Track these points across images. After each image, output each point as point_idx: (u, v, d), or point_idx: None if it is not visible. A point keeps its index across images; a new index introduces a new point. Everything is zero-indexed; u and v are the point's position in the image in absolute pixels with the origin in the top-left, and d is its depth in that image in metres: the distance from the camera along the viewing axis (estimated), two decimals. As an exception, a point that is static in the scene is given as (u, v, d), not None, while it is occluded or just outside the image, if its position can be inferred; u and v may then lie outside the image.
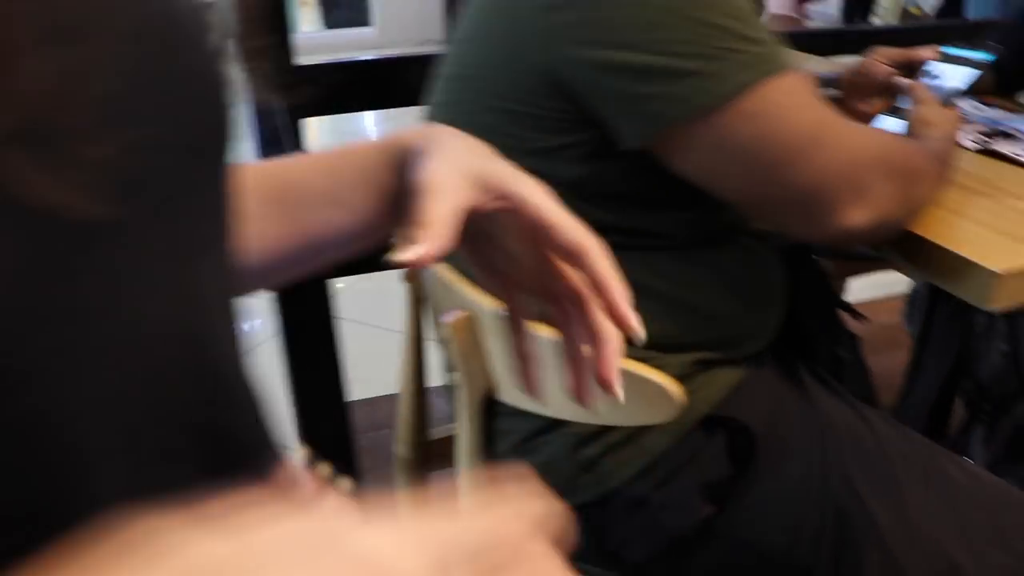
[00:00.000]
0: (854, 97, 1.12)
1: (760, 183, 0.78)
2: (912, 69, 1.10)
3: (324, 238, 0.56)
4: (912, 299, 1.67)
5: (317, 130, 4.62)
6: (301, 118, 1.83)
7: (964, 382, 1.36)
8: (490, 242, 0.54)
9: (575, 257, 0.50)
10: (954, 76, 1.06)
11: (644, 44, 0.71)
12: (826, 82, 1.14)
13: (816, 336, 1.06)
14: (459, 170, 0.49)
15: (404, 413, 1.22)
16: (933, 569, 0.88)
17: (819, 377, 1.00)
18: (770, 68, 0.73)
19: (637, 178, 0.79)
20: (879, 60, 1.12)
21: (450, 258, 0.88)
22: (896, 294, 2.22)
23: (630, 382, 0.80)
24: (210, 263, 0.38)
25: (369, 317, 2.60)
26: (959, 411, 1.39)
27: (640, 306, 0.84)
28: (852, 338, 1.14)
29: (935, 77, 1.08)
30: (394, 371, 1.22)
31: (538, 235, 0.50)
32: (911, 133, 0.98)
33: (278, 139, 1.32)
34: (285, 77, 0.50)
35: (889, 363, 2.33)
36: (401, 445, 1.25)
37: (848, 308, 1.13)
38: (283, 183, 0.55)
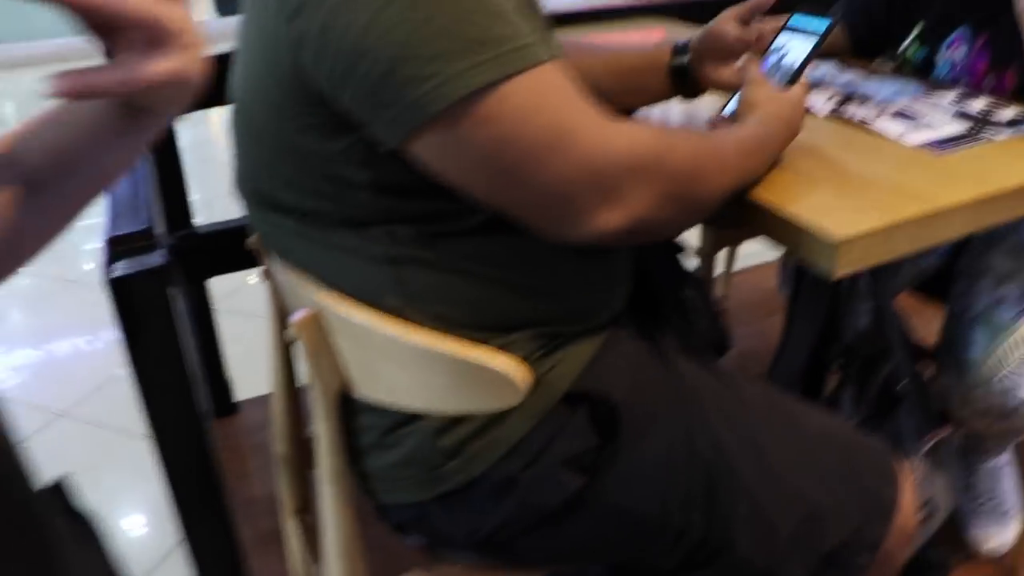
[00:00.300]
0: (705, 64, 1.11)
1: (503, 188, 0.77)
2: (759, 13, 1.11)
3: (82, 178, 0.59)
4: (784, 263, 1.71)
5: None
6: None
7: (834, 343, 1.39)
8: None
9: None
10: (798, 49, 1.07)
11: (384, 49, 0.70)
12: (679, 49, 1.13)
13: (660, 292, 1.08)
14: None
15: (277, 412, 1.20)
16: (797, 514, 0.92)
17: (674, 338, 1.02)
18: (511, 68, 0.72)
19: (420, 170, 0.78)
20: (726, 22, 1.11)
21: (295, 259, 0.88)
22: (774, 260, 2.27)
23: (472, 370, 0.80)
24: None
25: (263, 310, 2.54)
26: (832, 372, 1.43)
27: (477, 291, 0.84)
28: (695, 281, 1.15)
29: (781, 51, 1.09)
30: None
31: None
32: (737, 115, 0.99)
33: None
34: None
35: (772, 328, 2.40)
36: (279, 443, 1.23)
37: (697, 281, 1.14)
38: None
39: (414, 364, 0.82)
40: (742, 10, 1.12)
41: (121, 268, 0.88)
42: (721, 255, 2.23)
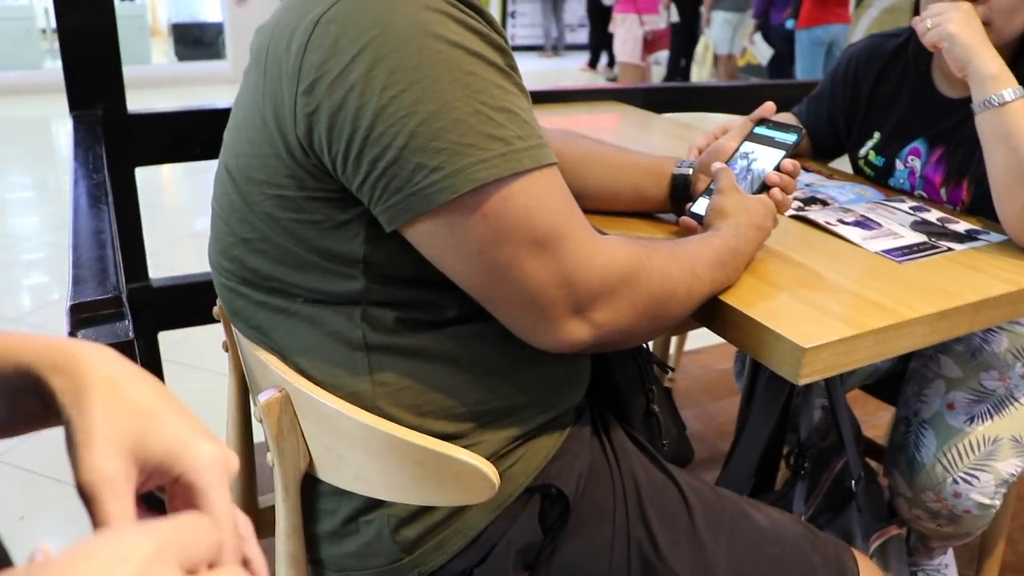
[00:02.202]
0: (702, 176, 1.15)
1: (491, 283, 0.77)
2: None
3: None
4: (739, 356, 1.74)
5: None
6: (134, 167, 1.77)
7: (789, 436, 1.41)
8: None
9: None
10: (765, 157, 1.11)
11: (394, 138, 0.70)
12: (684, 162, 1.17)
13: (625, 393, 1.08)
14: (121, 448, 0.44)
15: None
16: None
17: (632, 436, 1.02)
18: (520, 166, 0.73)
19: (412, 255, 0.78)
20: (731, 139, 1.17)
21: (262, 333, 0.86)
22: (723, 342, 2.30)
23: (446, 464, 0.79)
24: None
25: (218, 365, 2.50)
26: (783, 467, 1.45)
27: (448, 380, 0.84)
28: (664, 391, 1.16)
29: (749, 157, 1.13)
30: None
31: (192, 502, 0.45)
32: (705, 224, 1.02)
33: (102, 192, 1.25)
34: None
35: (732, 409, 2.42)
36: (228, 515, 1.20)
37: (658, 362, 1.15)
38: None
39: (384, 454, 0.81)
40: (744, 127, 1.16)
41: (86, 338, 0.85)
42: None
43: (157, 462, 0.45)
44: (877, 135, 1.46)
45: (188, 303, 1.90)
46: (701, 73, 7.34)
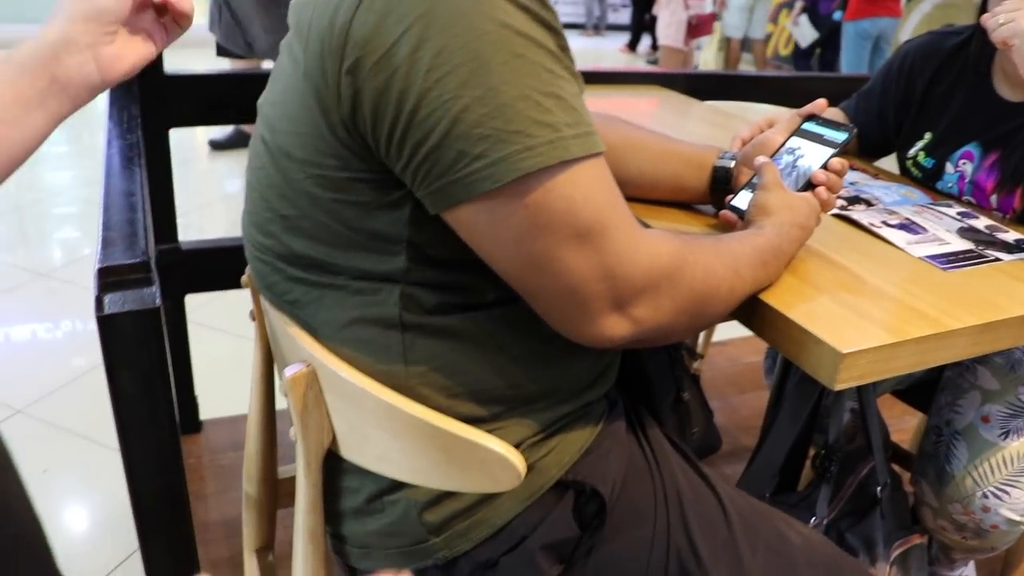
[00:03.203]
0: (743, 169, 1.12)
1: (530, 272, 0.75)
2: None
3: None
4: (771, 352, 1.71)
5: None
6: (168, 128, 1.77)
7: (816, 437, 1.39)
8: None
9: None
10: (813, 154, 1.08)
11: (436, 123, 0.68)
12: (727, 154, 1.14)
13: (655, 381, 1.07)
14: None
15: (251, 452, 1.17)
16: None
17: (668, 436, 1.00)
18: (567, 154, 0.70)
19: (455, 237, 0.76)
20: (777, 133, 1.14)
21: (292, 308, 0.86)
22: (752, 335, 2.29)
23: (471, 450, 0.78)
24: None
25: (241, 328, 2.52)
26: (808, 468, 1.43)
27: (483, 363, 0.83)
28: (692, 378, 1.15)
29: (795, 153, 1.10)
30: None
31: None
32: (747, 220, 0.99)
33: (135, 153, 1.25)
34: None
35: (757, 403, 2.40)
36: (248, 483, 1.20)
37: (687, 349, 1.14)
38: None
39: (409, 436, 0.80)
40: (792, 122, 1.13)
41: (113, 303, 0.84)
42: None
43: None
44: (928, 135, 1.42)
45: (216, 267, 1.90)
46: (706, 57, 7.25)
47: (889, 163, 1.55)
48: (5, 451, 0.39)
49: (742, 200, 1.06)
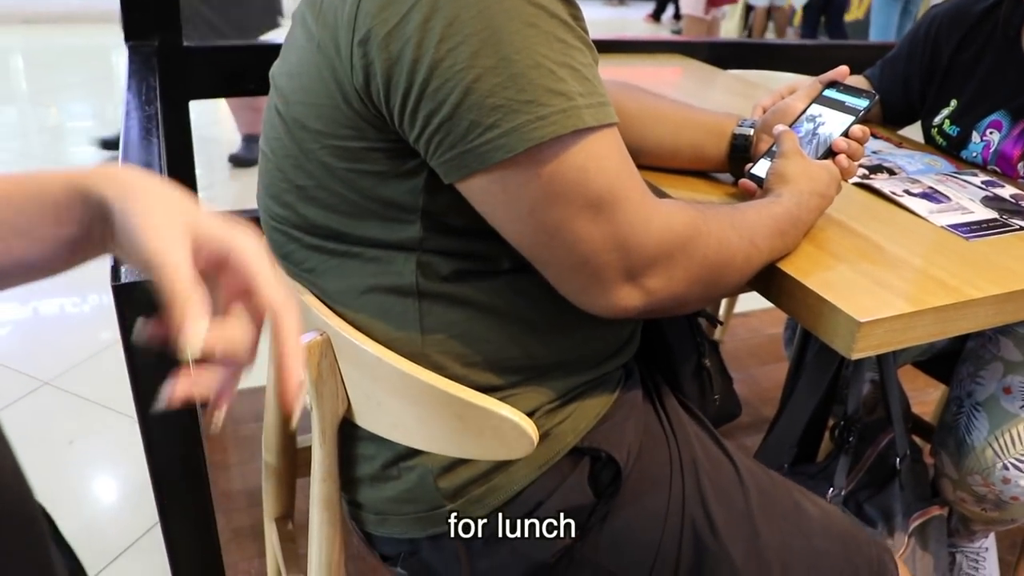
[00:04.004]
0: (763, 137, 1.10)
1: (542, 243, 0.75)
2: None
3: (3, 267, 0.55)
4: (790, 323, 1.70)
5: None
6: (188, 100, 1.77)
7: (835, 408, 1.38)
8: None
9: (270, 315, 0.52)
10: (834, 122, 1.06)
11: (448, 94, 0.68)
12: (746, 122, 1.13)
13: (676, 349, 1.06)
14: (177, 225, 0.49)
15: (269, 423, 1.18)
16: None
17: (685, 405, 1.00)
18: (580, 123, 0.69)
19: (469, 206, 0.76)
20: (798, 99, 1.12)
21: (310, 277, 0.86)
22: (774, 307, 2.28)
23: (484, 417, 0.78)
24: None
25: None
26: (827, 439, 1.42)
27: (499, 330, 0.83)
28: (713, 346, 1.14)
29: (816, 121, 1.08)
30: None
31: (243, 284, 0.51)
32: (766, 187, 0.98)
33: (153, 125, 1.25)
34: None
35: (778, 374, 2.39)
36: (268, 453, 1.21)
37: (706, 316, 1.13)
38: None
39: (422, 403, 0.80)
40: (813, 89, 1.11)
41: (129, 272, 0.84)
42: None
43: (211, 244, 0.50)
44: (954, 103, 1.39)
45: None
46: (728, 27, 7.15)
47: (913, 132, 1.53)
48: None
49: (761, 168, 1.05)
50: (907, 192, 1.17)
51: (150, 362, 0.90)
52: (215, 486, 1.82)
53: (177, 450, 1.00)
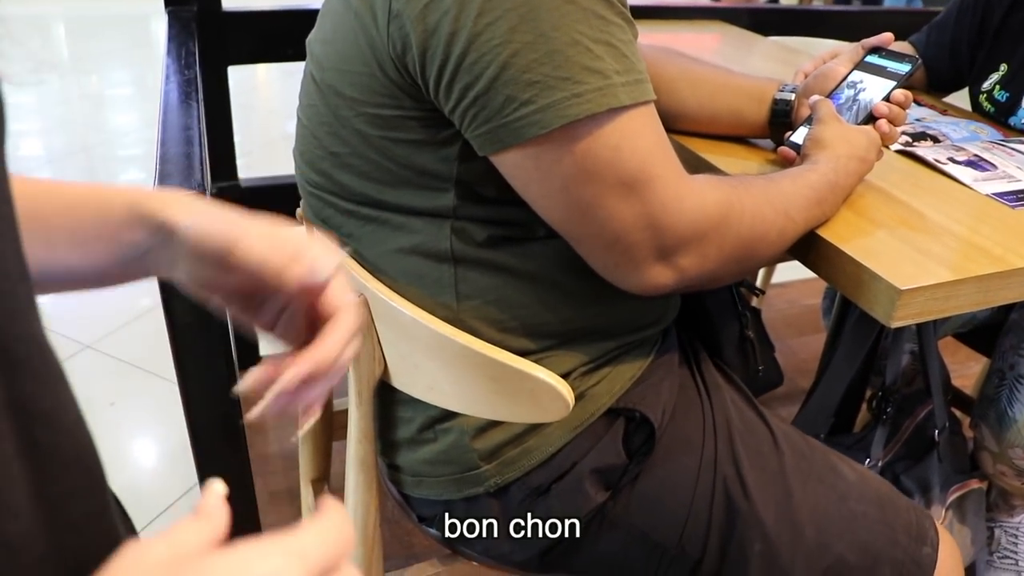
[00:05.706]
0: (803, 103, 1.08)
1: (575, 219, 0.75)
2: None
3: (52, 274, 0.56)
4: (828, 293, 1.68)
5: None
6: (227, 66, 1.78)
7: (873, 379, 1.37)
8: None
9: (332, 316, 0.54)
10: (875, 87, 1.04)
11: (485, 68, 0.67)
12: (787, 87, 1.11)
13: (717, 318, 1.06)
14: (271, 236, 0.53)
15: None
16: (817, 564, 0.90)
17: (722, 369, 1.00)
18: (616, 102, 0.69)
19: (503, 178, 0.76)
20: (841, 63, 1.10)
21: (348, 241, 0.86)
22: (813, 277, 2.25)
23: (520, 380, 0.78)
24: None
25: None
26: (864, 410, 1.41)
27: (534, 296, 0.83)
28: (754, 314, 1.13)
29: (857, 87, 1.06)
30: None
31: (311, 288, 0.54)
32: (802, 154, 0.96)
33: (193, 89, 1.26)
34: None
35: (815, 345, 2.37)
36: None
37: (748, 285, 1.12)
38: (25, 210, 0.54)
39: (458, 366, 0.80)
40: (855, 54, 1.09)
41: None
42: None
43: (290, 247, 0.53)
44: (1004, 67, 1.36)
45: (275, 204, 1.91)
46: None
47: (959, 99, 1.49)
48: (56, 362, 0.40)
49: (800, 136, 1.03)
50: (951, 160, 1.15)
51: (190, 326, 0.91)
52: (252, 449, 1.85)
53: (216, 413, 1.02)
